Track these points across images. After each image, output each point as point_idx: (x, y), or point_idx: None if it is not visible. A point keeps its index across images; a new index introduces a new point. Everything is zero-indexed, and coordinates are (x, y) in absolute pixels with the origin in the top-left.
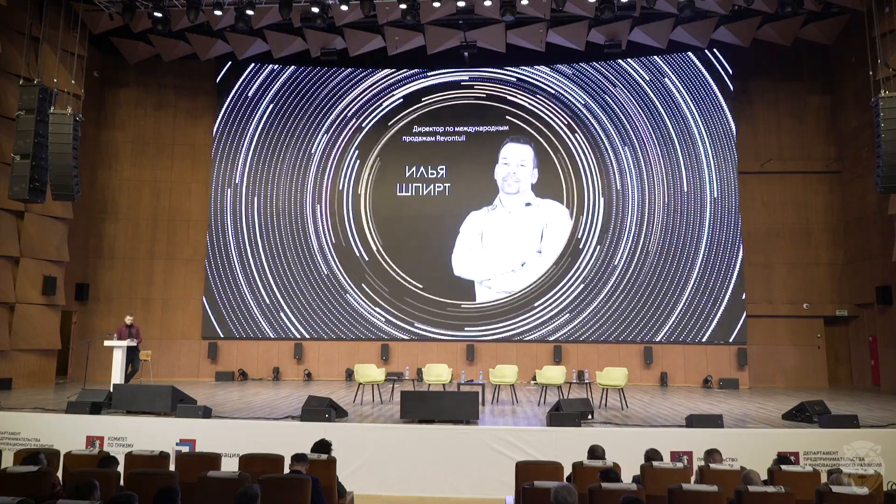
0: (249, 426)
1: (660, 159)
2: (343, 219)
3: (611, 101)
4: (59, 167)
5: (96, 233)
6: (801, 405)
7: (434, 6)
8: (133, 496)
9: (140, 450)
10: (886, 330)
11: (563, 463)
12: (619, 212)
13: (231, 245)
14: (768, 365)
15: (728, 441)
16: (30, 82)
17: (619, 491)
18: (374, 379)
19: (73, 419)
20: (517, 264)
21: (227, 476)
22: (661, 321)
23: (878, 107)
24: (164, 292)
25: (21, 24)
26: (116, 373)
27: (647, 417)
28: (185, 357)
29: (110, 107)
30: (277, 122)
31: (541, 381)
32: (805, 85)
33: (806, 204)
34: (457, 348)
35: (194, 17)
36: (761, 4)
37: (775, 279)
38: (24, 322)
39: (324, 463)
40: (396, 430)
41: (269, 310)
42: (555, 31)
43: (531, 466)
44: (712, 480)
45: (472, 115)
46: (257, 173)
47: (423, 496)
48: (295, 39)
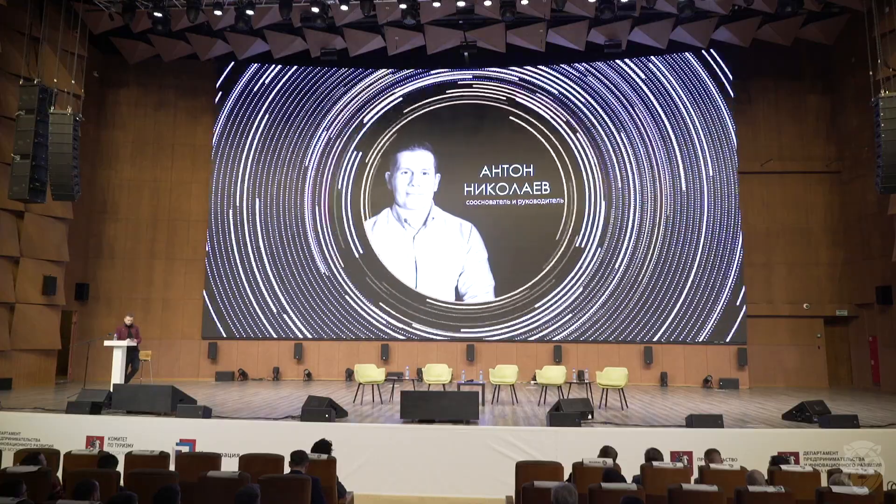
0: (249, 426)
1: (659, 159)
2: (342, 219)
3: (610, 102)
4: (59, 167)
5: (96, 233)
6: (801, 405)
7: (434, 6)
8: (133, 496)
9: (140, 450)
10: (886, 330)
11: (564, 463)
12: (619, 212)
13: (231, 245)
14: (768, 365)
15: (728, 441)
16: (30, 82)
17: (619, 491)
18: (374, 379)
19: (73, 419)
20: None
21: (227, 476)
22: (661, 321)
23: (878, 107)
24: (164, 292)
25: (21, 24)
26: (116, 373)
27: (647, 417)
28: (185, 357)
29: (110, 107)
30: (277, 121)
31: (541, 381)
32: (805, 85)
33: (806, 204)
34: (457, 348)
35: (194, 17)
36: (761, 4)
37: (775, 279)
38: (24, 322)
39: (324, 463)
40: (396, 430)
41: (269, 310)
42: (555, 31)
43: (531, 466)
44: (712, 480)
45: (472, 115)
46: (257, 173)
47: (423, 496)
48: (295, 39)
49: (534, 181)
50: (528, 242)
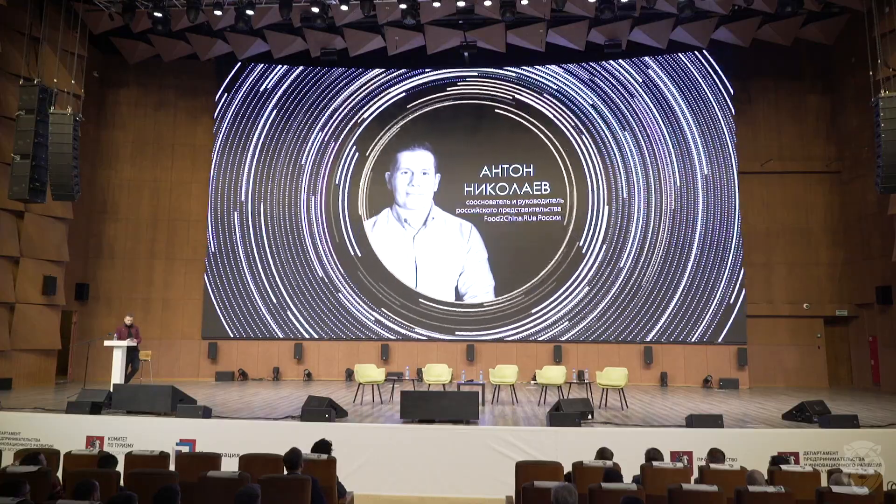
0: (249, 426)
1: (659, 159)
2: (341, 218)
3: (609, 102)
4: (59, 167)
5: (96, 233)
6: (801, 405)
7: (434, 6)
8: (133, 496)
9: (140, 450)
10: (886, 330)
11: (564, 463)
12: (620, 212)
13: (231, 245)
14: (768, 365)
15: (728, 441)
16: (30, 82)
17: (619, 491)
18: (374, 379)
19: (73, 419)
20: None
21: (227, 476)
22: (662, 321)
23: (878, 107)
24: (164, 292)
25: (21, 24)
26: (116, 373)
27: (647, 417)
28: (185, 357)
29: (110, 107)
30: (277, 121)
31: (541, 381)
32: (805, 85)
33: (806, 204)
34: (457, 348)
35: (194, 17)
36: (761, 4)
37: (775, 279)
38: (24, 322)
39: (324, 463)
40: (396, 430)
41: (269, 309)
42: (555, 31)
43: (531, 466)
44: (712, 480)
45: (472, 115)
46: (257, 173)
47: (423, 496)
48: (295, 39)
49: (534, 181)
50: (529, 242)
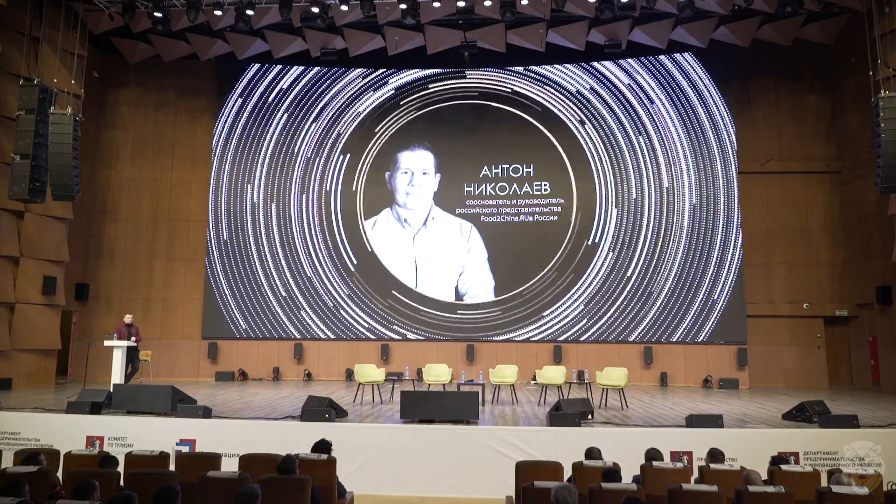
0: (249, 426)
1: (658, 159)
2: (341, 218)
3: (609, 102)
4: (59, 167)
5: (96, 233)
6: (801, 405)
7: (434, 6)
8: (133, 496)
9: (140, 450)
10: (886, 330)
11: (563, 463)
12: (620, 212)
13: (231, 245)
14: (768, 365)
15: (728, 441)
16: (30, 82)
17: (619, 491)
18: (374, 379)
19: (73, 419)
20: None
21: (227, 476)
22: (661, 321)
23: (878, 107)
24: (164, 292)
25: (21, 24)
26: (116, 373)
27: (647, 417)
28: (185, 357)
29: (110, 107)
30: (277, 121)
31: (541, 381)
32: (805, 85)
33: (806, 204)
34: (457, 348)
35: (194, 17)
36: (761, 4)
37: (775, 279)
38: (24, 322)
39: (324, 463)
40: (396, 430)
41: (269, 309)
42: (555, 31)
43: (531, 466)
44: (712, 480)
45: (472, 115)
46: (258, 172)
47: (423, 496)
48: (295, 39)
49: (534, 181)
50: (529, 242)
